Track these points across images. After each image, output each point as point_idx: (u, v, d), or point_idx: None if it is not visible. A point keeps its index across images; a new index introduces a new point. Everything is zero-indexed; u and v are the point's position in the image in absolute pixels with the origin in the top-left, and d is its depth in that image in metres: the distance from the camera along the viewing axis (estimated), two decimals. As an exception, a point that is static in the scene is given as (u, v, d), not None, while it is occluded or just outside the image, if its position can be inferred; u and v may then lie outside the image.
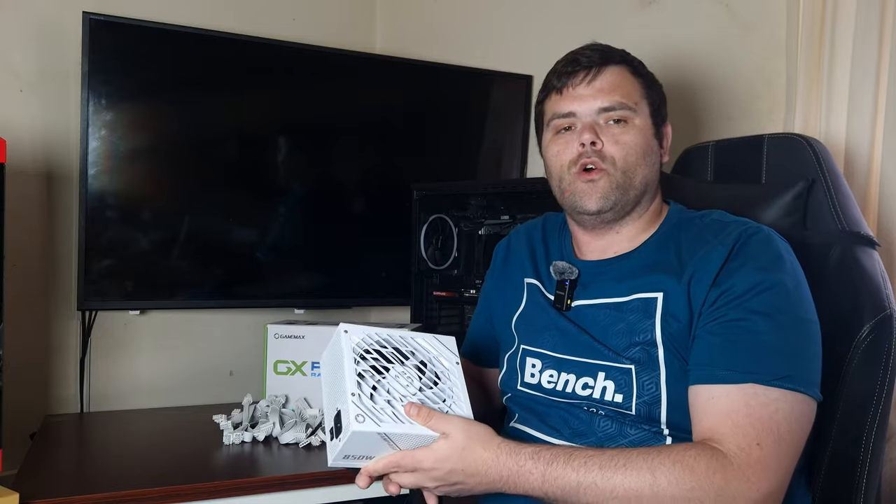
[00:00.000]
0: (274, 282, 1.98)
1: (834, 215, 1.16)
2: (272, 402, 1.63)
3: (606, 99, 1.07)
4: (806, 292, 0.99)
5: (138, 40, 1.78)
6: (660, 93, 1.14)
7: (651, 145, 1.09)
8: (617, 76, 1.09)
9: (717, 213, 1.09)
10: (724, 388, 0.92)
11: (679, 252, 1.05)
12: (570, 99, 1.09)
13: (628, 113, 1.07)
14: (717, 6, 1.70)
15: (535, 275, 1.20)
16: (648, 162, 1.08)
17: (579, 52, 1.11)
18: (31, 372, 1.79)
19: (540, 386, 1.11)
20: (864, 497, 1.06)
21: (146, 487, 1.24)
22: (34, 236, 1.81)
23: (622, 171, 1.06)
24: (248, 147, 1.93)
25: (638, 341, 1.02)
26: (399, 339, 1.02)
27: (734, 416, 0.91)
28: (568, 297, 1.11)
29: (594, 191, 1.07)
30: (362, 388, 0.95)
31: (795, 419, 0.91)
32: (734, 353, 0.94)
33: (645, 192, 1.09)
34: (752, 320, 0.94)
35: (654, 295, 1.03)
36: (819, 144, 1.22)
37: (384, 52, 2.28)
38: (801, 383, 0.92)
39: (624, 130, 1.07)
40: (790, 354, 0.93)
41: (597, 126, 1.07)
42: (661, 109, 1.13)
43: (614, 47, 1.12)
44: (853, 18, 1.42)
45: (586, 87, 1.08)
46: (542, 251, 1.22)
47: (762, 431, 0.89)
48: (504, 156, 2.16)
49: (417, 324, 1.80)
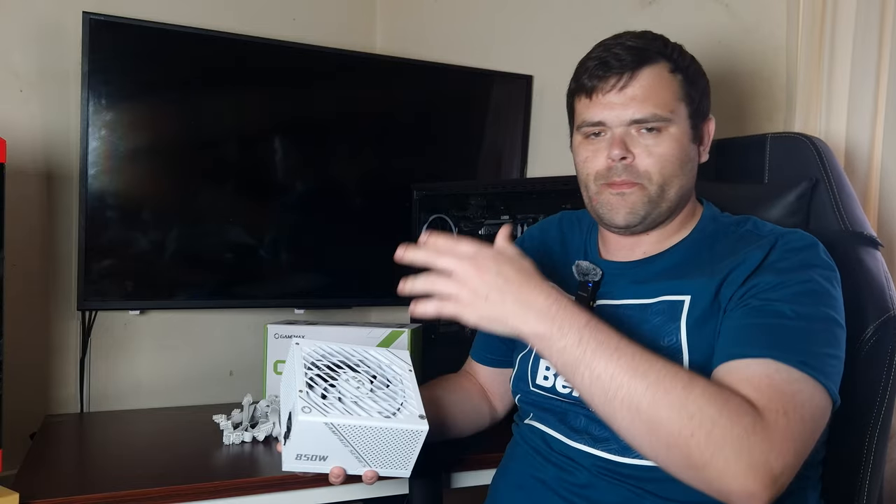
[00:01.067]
0: (274, 282, 1.98)
1: (837, 215, 1.16)
2: (272, 402, 1.63)
3: (639, 110, 1.00)
4: (838, 294, 0.94)
5: (138, 40, 1.78)
6: (702, 86, 1.06)
7: (688, 152, 1.03)
8: (652, 80, 1.01)
9: (750, 223, 1.04)
10: (744, 361, 0.87)
11: (712, 260, 1.01)
12: (599, 107, 1.02)
13: (662, 123, 1.00)
14: (717, 6, 1.70)
15: (552, 276, 1.14)
16: (686, 171, 1.03)
17: (612, 51, 1.02)
18: (31, 372, 1.79)
19: (555, 389, 1.08)
20: (866, 497, 1.06)
21: (146, 487, 1.23)
22: (34, 236, 1.81)
23: (658, 184, 1.01)
24: (248, 147, 1.93)
25: (662, 346, 0.97)
26: (350, 351, 1.03)
27: (755, 381, 0.84)
28: (591, 299, 1.07)
29: (623, 204, 1.02)
30: (312, 389, 0.96)
31: (816, 407, 0.85)
32: (755, 334, 0.89)
33: (680, 201, 1.05)
34: (776, 306, 0.90)
35: (681, 298, 0.99)
36: (822, 144, 1.22)
37: (384, 52, 2.28)
38: (822, 374, 0.86)
39: (658, 141, 1.01)
40: (813, 344, 0.88)
41: (628, 137, 1.01)
42: (702, 105, 1.06)
43: (653, 38, 1.04)
44: (853, 18, 1.42)
45: (617, 95, 1.01)
46: (560, 251, 1.18)
47: (788, 404, 0.83)
48: (504, 156, 2.16)
49: (417, 324, 1.80)
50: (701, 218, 1.09)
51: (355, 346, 1.04)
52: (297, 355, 1.00)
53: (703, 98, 1.06)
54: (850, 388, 1.05)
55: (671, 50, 1.04)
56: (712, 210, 1.10)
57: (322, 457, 0.96)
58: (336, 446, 0.94)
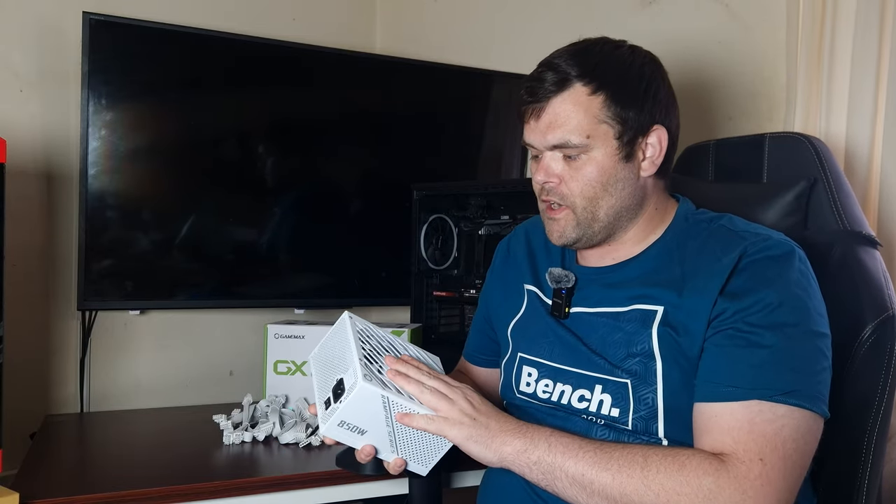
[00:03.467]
0: (274, 282, 1.98)
1: (835, 215, 1.16)
2: (272, 402, 1.63)
3: (553, 136, 1.01)
4: (818, 304, 0.96)
5: (138, 40, 1.78)
6: (642, 98, 1.02)
7: (614, 173, 1.02)
8: (568, 105, 1.01)
9: (725, 219, 1.04)
10: (729, 405, 0.90)
11: (682, 261, 1.01)
12: (528, 130, 1.05)
13: (578, 149, 1.01)
14: (717, 6, 1.70)
15: (535, 281, 1.18)
16: (614, 191, 1.03)
17: (538, 74, 1.04)
18: (31, 372, 1.79)
19: (535, 395, 1.09)
20: (865, 497, 1.06)
21: (146, 487, 1.23)
22: (34, 236, 1.81)
23: (583, 207, 1.03)
24: (247, 147, 1.93)
25: (636, 352, 0.99)
26: (391, 338, 1.08)
27: (736, 432, 0.89)
28: (566, 305, 1.09)
29: (555, 228, 1.07)
30: (371, 362, 0.98)
31: (802, 436, 0.89)
32: (739, 368, 0.91)
33: (616, 219, 1.05)
34: (759, 334, 0.91)
35: (653, 308, 1.00)
36: (821, 144, 1.22)
37: (384, 52, 2.28)
38: (807, 399, 0.89)
39: (579, 165, 1.02)
40: (798, 370, 0.91)
41: (554, 161, 1.04)
42: (638, 121, 1.01)
43: (583, 54, 1.03)
44: (853, 18, 1.42)
45: (536, 122, 1.03)
46: (544, 255, 1.19)
47: (766, 447, 0.87)
48: (504, 156, 2.16)
49: (417, 324, 1.80)
50: (674, 217, 1.08)
51: (393, 337, 1.08)
52: (348, 327, 1.03)
53: (641, 112, 1.02)
54: (848, 387, 1.06)
55: (596, 68, 1.01)
56: (686, 207, 1.09)
57: (362, 430, 0.97)
58: (378, 424, 0.96)
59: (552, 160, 1.04)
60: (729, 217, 1.04)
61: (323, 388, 1.01)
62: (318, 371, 1.05)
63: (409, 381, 0.99)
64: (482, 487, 1.18)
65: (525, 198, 1.70)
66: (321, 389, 1.01)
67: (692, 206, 1.10)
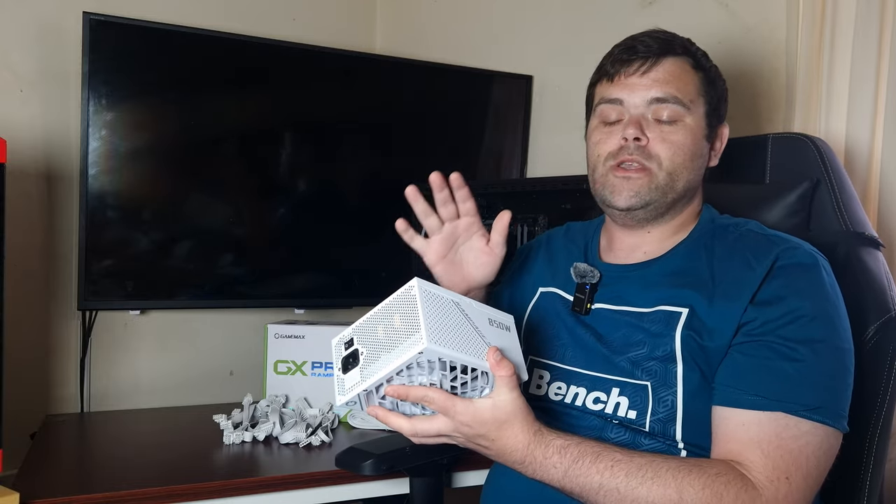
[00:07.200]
0: (274, 282, 1.98)
1: (838, 216, 1.16)
2: (272, 402, 1.63)
3: (660, 90, 1.01)
4: (845, 318, 0.95)
5: (138, 41, 1.78)
6: (721, 90, 1.07)
7: (701, 147, 1.03)
8: (676, 68, 1.02)
9: (753, 224, 1.04)
10: (755, 414, 0.89)
11: (710, 263, 1.00)
12: (620, 87, 1.03)
13: (681, 110, 1.01)
14: (717, 6, 1.70)
15: (553, 281, 1.15)
16: (695, 165, 1.03)
17: (639, 39, 1.04)
18: (31, 372, 1.79)
19: (547, 398, 1.07)
20: (867, 496, 1.06)
21: (146, 487, 1.24)
22: (34, 236, 1.81)
23: (667, 171, 1.01)
24: (247, 147, 1.93)
25: (657, 355, 0.97)
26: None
27: (765, 445, 0.87)
28: (588, 301, 1.07)
29: (628, 186, 1.01)
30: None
31: (824, 453, 0.89)
32: (764, 379, 0.90)
33: (684, 197, 1.04)
34: (790, 346, 0.90)
35: (678, 309, 0.98)
36: (823, 144, 1.22)
37: (384, 52, 2.28)
38: (831, 416, 0.89)
39: (673, 129, 1.01)
40: (824, 386, 0.90)
41: (644, 121, 1.01)
42: (719, 108, 1.06)
43: (678, 36, 1.06)
44: (853, 18, 1.42)
45: (640, 77, 1.02)
46: (564, 257, 1.17)
47: (791, 465, 0.87)
48: (504, 156, 2.16)
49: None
50: (700, 220, 1.08)
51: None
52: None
53: (720, 102, 1.07)
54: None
55: (695, 50, 1.06)
56: (711, 212, 1.10)
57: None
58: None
59: (644, 120, 1.02)
60: (756, 223, 1.04)
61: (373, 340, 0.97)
62: (371, 325, 1.01)
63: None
64: (486, 487, 1.17)
65: (525, 198, 1.71)
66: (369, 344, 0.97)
67: (715, 210, 1.10)
